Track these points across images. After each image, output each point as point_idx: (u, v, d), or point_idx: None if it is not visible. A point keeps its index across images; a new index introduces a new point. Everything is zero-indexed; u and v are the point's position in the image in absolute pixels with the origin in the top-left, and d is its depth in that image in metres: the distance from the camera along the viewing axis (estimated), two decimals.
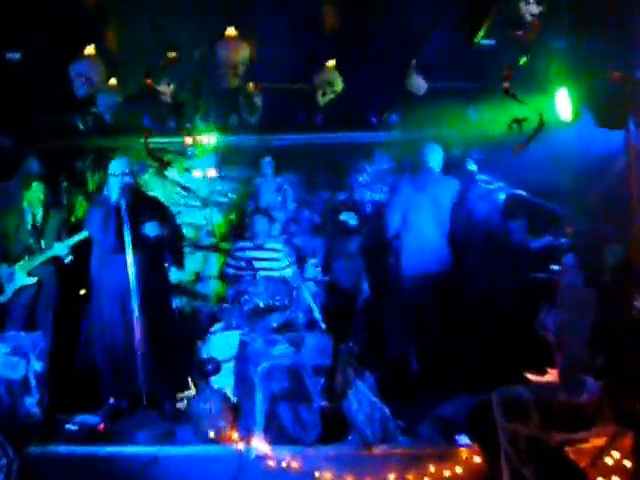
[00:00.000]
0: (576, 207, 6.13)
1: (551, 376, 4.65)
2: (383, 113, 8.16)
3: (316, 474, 4.75)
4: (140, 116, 7.46)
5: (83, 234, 6.37)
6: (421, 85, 6.53)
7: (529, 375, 4.68)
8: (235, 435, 5.19)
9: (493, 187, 6.99)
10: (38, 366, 5.31)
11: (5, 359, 5.22)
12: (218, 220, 8.94)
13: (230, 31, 5.54)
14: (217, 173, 8.80)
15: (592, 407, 3.98)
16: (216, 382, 6.29)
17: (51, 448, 5.02)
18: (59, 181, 8.72)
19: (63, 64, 6.08)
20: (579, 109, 5.67)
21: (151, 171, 8.85)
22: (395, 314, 7.09)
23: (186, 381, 6.51)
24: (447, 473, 4.71)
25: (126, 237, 5.76)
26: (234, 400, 5.59)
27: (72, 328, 6.22)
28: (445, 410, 5.55)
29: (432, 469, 4.74)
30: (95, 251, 6.29)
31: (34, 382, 5.26)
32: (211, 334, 6.80)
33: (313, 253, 8.11)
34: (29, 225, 6.72)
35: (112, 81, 6.22)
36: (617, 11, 4.91)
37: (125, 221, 5.79)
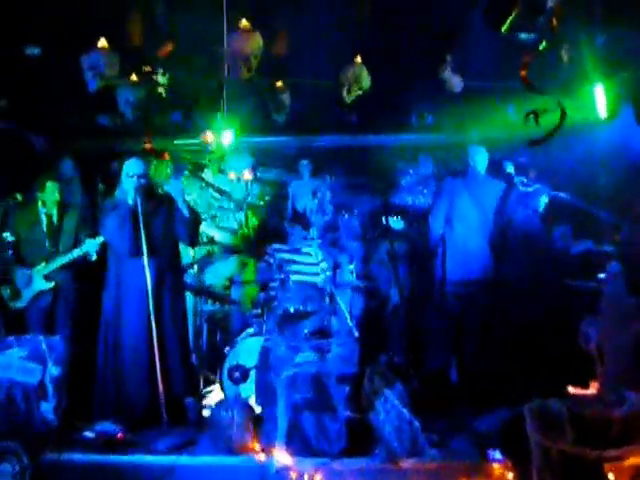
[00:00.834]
0: (620, 211, 5.91)
1: (594, 390, 4.50)
2: (422, 113, 8.04)
3: None
4: (169, 114, 7.44)
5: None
6: (457, 82, 6.40)
7: (571, 388, 4.53)
8: (256, 446, 5.10)
9: (532, 190, 6.82)
10: (55, 371, 5.27)
11: (21, 364, 5.20)
12: (253, 224, 8.90)
13: (243, 22, 5.46)
14: (252, 175, 8.77)
15: (632, 422, 3.80)
16: (244, 390, 6.24)
17: (67, 455, 4.99)
18: (95, 183, 8.79)
19: None
20: (617, 106, 5.48)
21: (186, 173, 8.85)
22: (436, 323, 6.99)
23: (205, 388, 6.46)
24: None
25: (143, 240, 5.73)
26: (257, 409, 5.50)
27: (93, 333, 6.16)
28: (480, 424, 5.40)
29: None
30: (110, 254, 6.25)
31: (51, 388, 5.23)
32: (240, 340, 6.74)
33: (350, 258, 7.99)
34: (44, 227, 6.73)
35: (133, 77, 6.20)
36: None
37: (141, 224, 5.76)
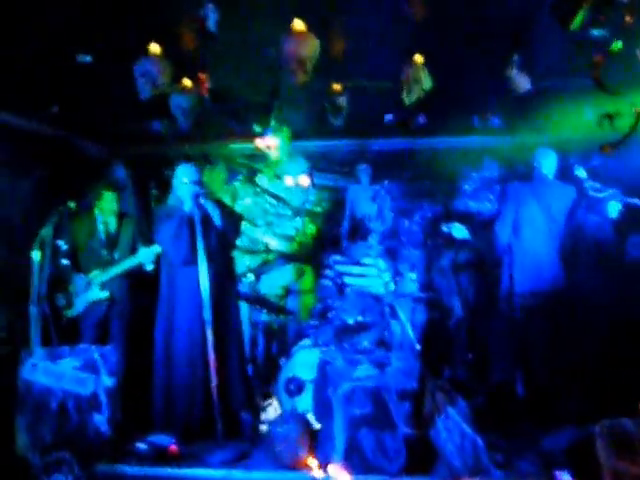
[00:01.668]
0: None
1: None
2: (486, 114, 7.91)
3: None
4: (225, 119, 7.47)
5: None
6: (524, 82, 6.27)
7: None
8: (313, 461, 5.06)
9: (604, 196, 6.65)
10: (109, 382, 5.32)
11: (74, 374, 5.26)
12: (310, 231, 8.89)
13: (297, 24, 5.43)
14: (309, 181, 8.75)
15: None
16: (299, 403, 6.21)
17: (119, 467, 5.06)
18: (148, 189, 8.90)
19: None
20: None
21: (240, 178, 8.89)
22: (502, 335, 6.88)
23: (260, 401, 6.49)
24: None
25: (199, 249, 5.73)
26: (314, 424, 5.46)
27: (147, 344, 6.20)
28: (548, 443, 5.27)
29: None
30: (164, 263, 6.27)
31: (104, 399, 5.28)
32: (296, 352, 6.71)
33: (411, 267, 7.92)
34: (101, 235, 6.82)
35: (186, 82, 6.22)
36: None
37: (199, 232, 5.75)
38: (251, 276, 7.78)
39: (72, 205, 6.06)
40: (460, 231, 7.73)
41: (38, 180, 7.42)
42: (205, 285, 5.69)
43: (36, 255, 5.65)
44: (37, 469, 4.86)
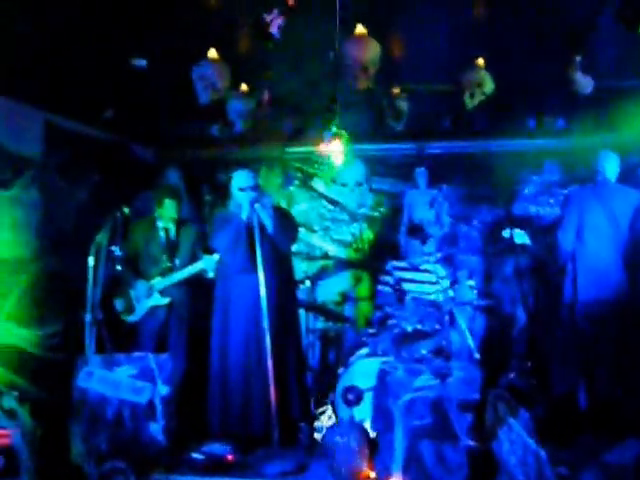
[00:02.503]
0: None
1: None
2: (542, 116, 7.85)
3: None
4: (280, 123, 7.53)
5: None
6: (587, 84, 6.22)
7: None
8: (372, 473, 5.07)
9: None
10: (164, 390, 5.35)
11: (130, 382, 5.31)
12: (367, 236, 8.90)
13: (359, 29, 5.46)
14: (366, 185, 8.77)
15: None
16: (358, 413, 6.22)
17: (175, 477, 5.11)
18: (202, 193, 9.01)
19: None
20: None
21: (296, 183, 8.94)
22: (564, 345, 6.81)
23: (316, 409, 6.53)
24: None
25: (258, 256, 5.76)
26: (373, 435, 5.48)
27: (205, 352, 6.27)
28: (613, 456, 5.20)
29: None
30: (220, 270, 6.34)
31: (160, 407, 5.31)
32: (354, 360, 6.73)
33: (470, 274, 7.90)
34: (162, 241, 6.93)
35: (243, 87, 6.28)
36: None
37: (258, 239, 5.79)
38: (308, 282, 7.81)
39: (126, 210, 6.16)
40: (522, 237, 7.68)
41: (93, 185, 7.57)
42: (264, 293, 5.73)
43: (91, 261, 5.74)
44: (92, 478, 4.94)
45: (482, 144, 8.51)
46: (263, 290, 5.73)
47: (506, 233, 7.72)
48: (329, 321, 7.74)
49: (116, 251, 6.35)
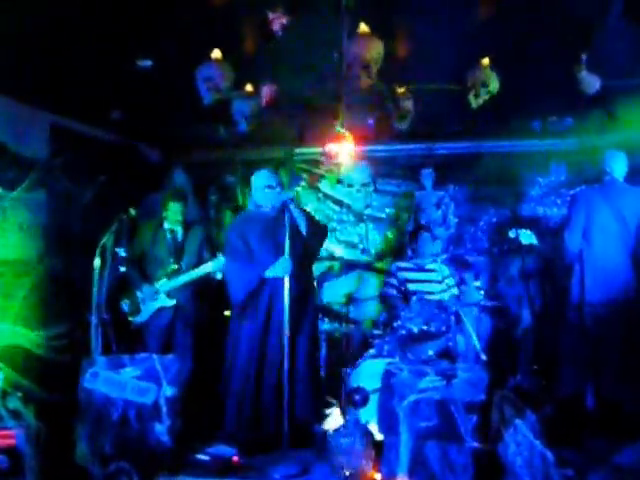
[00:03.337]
0: None
1: None
2: (547, 117, 7.82)
3: None
4: (286, 124, 7.53)
5: None
6: (593, 82, 6.19)
7: None
8: (377, 475, 5.07)
9: None
10: (170, 391, 5.32)
11: (135, 383, 5.29)
12: (374, 237, 8.89)
13: (362, 27, 5.45)
14: (372, 186, 8.76)
15: None
16: (363, 415, 6.21)
17: (180, 478, 5.10)
18: (208, 194, 9.01)
19: None
20: None
21: (303, 184, 8.94)
22: (571, 346, 6.79)
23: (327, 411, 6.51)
24: None
25: (286, 252, 5.78)
26: (378, 436, 5.47)
27: (215, 353, 6.26)
28: (622, 458, 5.19)
29: None
30: (242, 270, 6.17)
31: (165, 408, 5.28)
32: (361, 362, 6.72)
33: (477, 275, 7.88)
34: (169, 243, 6.94)
35: (248, 87, 6.27)
36: None
37: (286, 238, 5.79)
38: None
39: (133, 212, 6.16)
40: (528, 237, 7.66)
41: (99, 187, 7.58)
42: (287, 295, 5.75)
43: (97, 262, 5.74)
44: (97, 479, 4.95)
45: (488, 145, 8.49)
46: (286, 292, 5.75)
47: (512, 233, 7.70)
48: (335, 322, 7.71)
49: (120, 253, 6.37)
